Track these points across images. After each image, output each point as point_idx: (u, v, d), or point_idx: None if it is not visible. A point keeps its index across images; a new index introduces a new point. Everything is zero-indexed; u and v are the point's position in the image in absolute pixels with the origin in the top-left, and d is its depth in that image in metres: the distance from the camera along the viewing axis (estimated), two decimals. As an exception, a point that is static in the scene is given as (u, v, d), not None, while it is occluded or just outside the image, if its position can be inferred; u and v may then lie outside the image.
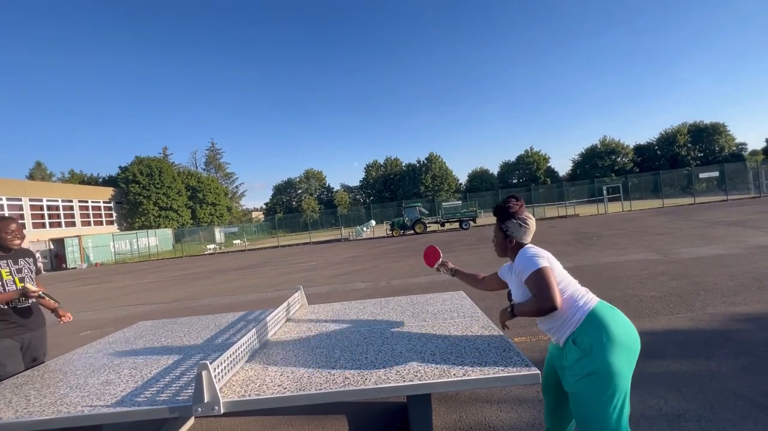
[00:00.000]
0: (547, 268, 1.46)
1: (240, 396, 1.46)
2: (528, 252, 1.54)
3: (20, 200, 29.24)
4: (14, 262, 2.47)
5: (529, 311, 1.51)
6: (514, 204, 1.66)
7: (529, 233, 1.64)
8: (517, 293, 1.63)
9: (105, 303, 8.92)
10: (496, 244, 1.76)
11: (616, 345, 1.36)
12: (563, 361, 1.49)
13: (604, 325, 1.39)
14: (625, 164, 50.53)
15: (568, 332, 1.46)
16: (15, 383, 1.90)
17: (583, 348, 1.39)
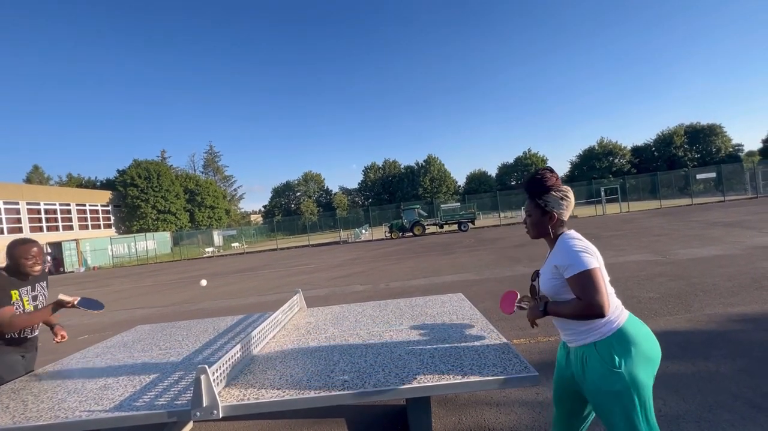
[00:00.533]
0: (598, 269, 1.31)
1: (239, 400, 1.46)
2: (575, 244, 1.36)
3: (17, 204, 29.12)
4: (32, 289, 2.34)
5: (567, 314, 1.37)
6: (550, 176, 1.47)
7: (570, 208, 1.48)
8: (548, 284, 1.46)
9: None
10: (532, 223, 1.53)
11: (643, 361, 1.33)
12: (582, 368, 1.41)
13: (635, 343, 1.33)
14: (622, 165, 50.76)
15: (590, 339, 1.37)
16: (12, 388, 1.89)
17: (607, 361, 1.32)
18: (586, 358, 1.38)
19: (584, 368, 1.39)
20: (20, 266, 2.25)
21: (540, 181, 1.47)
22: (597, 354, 1.34)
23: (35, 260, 2.27)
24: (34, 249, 2.28)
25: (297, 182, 60.07)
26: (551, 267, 1.43)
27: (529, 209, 1.53)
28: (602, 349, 1.33)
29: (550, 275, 1.44)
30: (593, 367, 1.35)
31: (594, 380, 1.35)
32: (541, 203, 1.48)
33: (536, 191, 1.49)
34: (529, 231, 1.57)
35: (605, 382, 1.32)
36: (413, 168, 56.74)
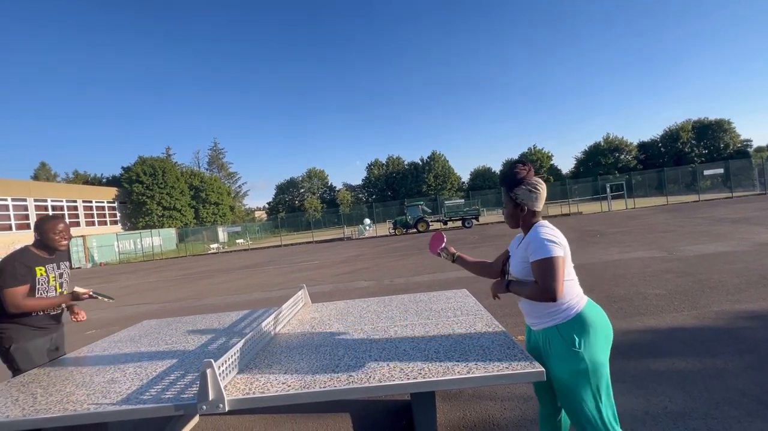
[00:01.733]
0: (559, 259, 1.39)
1: (244, 393, 1.47)
2: (544, 233, 1.44)
3: (25, 201, 29.42)
4: (57, 266, 2.43)
5: (524, 295, 1.48)
6: (522, 169, 1.55)
7: (540, 200, 1.55)
8: (517, 267, 1.56)
9: (109, 303, 8.95)
10: (507, 215, 1.63)
11: (601, 341, 1.42)
12: (546, 350, 1.50)
13: (593, 325, 1.42)
14: (628, 161, 50.26)
15: (552, 322, 1.46)
16: (21, 381, 1.91)
17: (568, 342, 1.41)
18: (549, 340, 1.48)
19: (546, 349, 1.50)
20: (48, 241, 2.36)
21: (511, 174, 1.57)
22: (559, 336, 1.44)
23: (62, 235, 2.39)
24: (61, 225, 2.40)
25: (301, 179, 60.13)
26: (522, 251, 1.52)
27: (505, 201, 1.64)
28: (564, 331, 1.43)
29: (520, 259, 1.54)
30: (556, 348, 1.45)
31: (557, 360, 1.44)
32: (513, 195, 1.57)
33: (509, 183, 1.58)
34: (506, 222, 1.68)
35: (568, 362, 1.41)
36: (417, 164, 56.59)
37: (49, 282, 2.36)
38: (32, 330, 2.30)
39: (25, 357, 2.24)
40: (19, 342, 2.24)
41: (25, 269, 2.23)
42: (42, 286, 2.31)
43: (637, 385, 2.57)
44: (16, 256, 2.28)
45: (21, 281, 2.20)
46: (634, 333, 3.51)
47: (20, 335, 2.25)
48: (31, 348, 2.27)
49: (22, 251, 2.32)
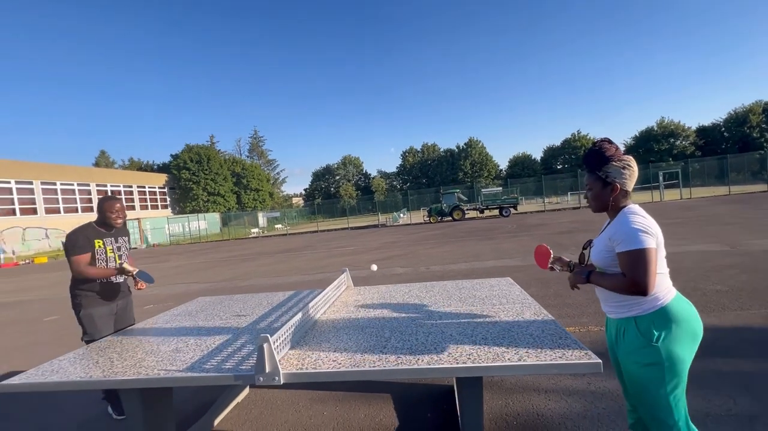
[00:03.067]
0: (651, 250, 1.27)
1: (297, 368, 1.53)
2: (635, 220, 1.33)
3: (89, 186, 32.19)
4: (115, 240, 2.79)
5: (609, 287, 1.37)
6: (609, 146, 1.43)
7: (633, 178, 1.43)
8: (599, 255, 1.44)
9: (164, 281, 9.66)
10: (593, 196, 1.49)
11: (684, 339, 1.32)
12: (618, 339, 1.43)
13: (677, 321, 1.32)
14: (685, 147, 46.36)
15: (629, 313, 1.37)
16: (99, 346, 2.12)
17: (645, 335, 1.33)
18: (624, 331, 1.40)
19: (620, 340, 1.42)
20: (106, 219, 2.70)
21: (599, 152, 1.44)
22: (636, 328, 1.35)
23: (118, 215, 2.73)
24: (117, 205, 2.73)
25: (336, 166, 60.95)
26: (606, 239, 1.41)
27: (590, 182, 1.50)
28: (642, 324, 1.34)
29: (603, 247, 1.43)
30: (629, 340, 1.37)
31: (628, 352, 1.38)
32: (602, 174, 1.44)
33: (595, 162, 1.45)
34: (591, 205, 1.55)
35: (639, 355, 1.34)
36: (453, 152, 55.49)
37: (107, 253, 2.71)
38: (98, 298, 2.68)
39: (91, 322, 2.63)
40: (87, 309, 2.63)
41: (85, 240, 2.61)
42: (100, 256, 2.68)
43: (696, 385, 2.41)
44: (79, 230, 2.65)
45: (82, 249, 2.58)
46: (692, 330, 3.29)
47: (88, 302, 2.64)
48: (96, 314, 2.65)
49: (85, 226, 2.69)
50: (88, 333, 2.62)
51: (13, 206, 26.88)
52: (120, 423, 2.67)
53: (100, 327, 2.63)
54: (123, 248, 2.85)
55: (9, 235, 26.05)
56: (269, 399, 2.79)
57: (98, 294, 2.68)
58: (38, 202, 28.35)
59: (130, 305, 2.92)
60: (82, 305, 2.63)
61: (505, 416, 2.29)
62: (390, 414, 2.44)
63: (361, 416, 2.45)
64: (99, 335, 2.59)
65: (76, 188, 31.16)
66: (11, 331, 5.72)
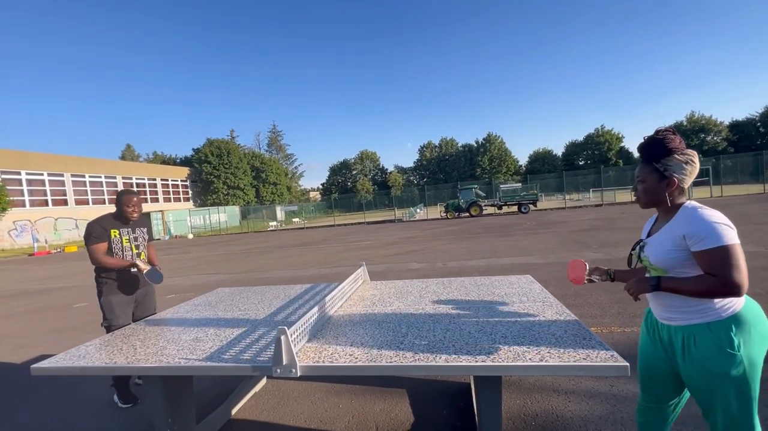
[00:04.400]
0: (739, 246, 1.18)
1: (314, 361, 1.53)
2: (712, 214, 1.24)
3: (115, 178, 33.37)
4: (132, 231, 2.89)
5: (692, 292, 1.24)
6: (674, 137, 1.33)
7: (692, 177, 1.34)
8: (665, 255, 1.33)
9: (186, 271, 9.93)
10: (646, 189, 1.38)
11: (759, 340, 1.24)
12: (685, 348, 1.32)
13: (755, 325, 1.24)
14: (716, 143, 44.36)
15: (701, 319, 1.27)
16: (123, 334, 2.18)
17: (725, 343, 1.23)
18: (694, 337, 1.28)
19: (688, 348, 1.30)
20: (122, 212, 2.79)
21: (661, 142, 1.33)
22: (711, 334, 1.25)
23: (134, 209, 2.82)
24: (134, 199, 2.83)
25: (353, 161, 61.09)
26: (675, 237, 1.29)
27: (644, 174, 1.38)
28: (718, 330, 1.24)
29: (671, 246, 1.30)
30: (704, 348, 1.26)
31: (703, 361, 1.26)
32: (660, 167, 1.34)
33: (656, 153, 1.34)
34: (640, 199, 1.43)
35: (718, 364, 1.23)
36: (471, 147, 54.72)
37: (122, 243, 2.80)
38: (118, 286, 2.78)
39: (110, 308, 2.74)
40: (107, 295, 2.74)
41: (101, 230, 2.71)
42: (116, 245, 2.78)
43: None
44: (96, 220, 2.76)
45: (98, 239, 2.69)
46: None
47: (108, 289, 2.75)
48: (115, 302, 2.75)
49: (102, 217, 2.80)
50: (107, 318, 2.73)
51: (46, 198, 28.15)
52: (135, 410, 2.76)
53: (118, 313, 2.74)
54: (141, 239, 2.93)
55: (42, 225, 27.32)
56: (286, 390, 2.83)
57: (118, 282, 2.78)
58: (68, 193, 29.60)
59: (151, 294, 3.01)
60: (102, 292, 2.75)
61: (523, 416, 2.25)
62: (405, 410, 2.43)
63: (376, 410, 2.45)
64: (117, 321, 2.70)
65: (104, 181, 32.36)
66: (44, 316, 5.99)
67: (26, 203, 26.89)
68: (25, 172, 26.99)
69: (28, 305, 7.11)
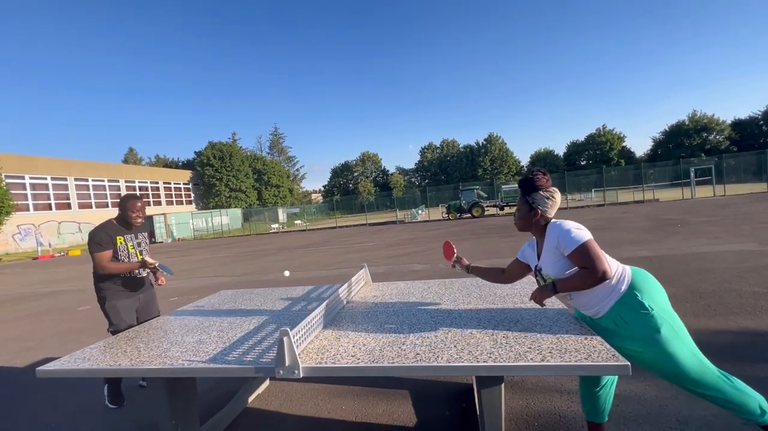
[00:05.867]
0: (592, 240, 1.51)
1: (317, 362, 1.54)
2: (566, 226, 1.57)
3: (118, 182, 33.55)
4: (135, 236, 2.87)
5: (577, 285, 1.54)
6: (541, 177, 1.68)
7: (554, 207, 1.68)
8: (554, 267, 1.63)
9: (188, 274, 9.96)
10: (519, 217, 1.76)
11: (659, 294, 1.51)
12: (618, 327, 1.52)
13: (647, 283, 1.52)
14: (719, 142, 44.17)
15: (615, 298, 1.52)
16: (128, 336, 2.20)
17: (638, 308, 1.47)
18: (621, 315, 1.51)
19: (622, 327, 1.52)
20: (126, 217, 2.76)
21: (531, 181, 1.68)
22: (627, 307, 1.49)
23: (138, 213, 2.79)
24: (138, 204, 2.80)
25: (355, 163, 61.18)
26: (552, 250, 1.61)
27: (519, 204, 1.75)
28: (629, 301, 1.50)
29: (554, 259, 1.62)
30: (631, 319, 1.48)
31: (636, 330, 1.47)
32: (530, 200, 1.69)
33: (527, 189, 1.70)
34: (516, 223, 1.80)
35: (646, 326, 1.45)
36: (473, 148, 54.72)
37: (128, 250, 2.78)
38: (122, 290, 2.77)
39: (116, 313, 2.72)
40: (112, 300, 2.73)
41: (106, 237, 2.68)
42: (122, 252, 2.76)
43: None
44: (100, 227, 2.73)
45: (104, 247, 2.66)
46: (727, 333, 3.13)
47: (113, 294, 2.73)
48: (120, 306, 2.74)
49: (106, 224, 2.77)
50: (113, 323, 2.73)
51: (50, 201, 28.32)
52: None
53: (125, 317, 2.74)
54: (143, 244, 2.93)
55: (46, 228, 27.48)
56: (289, 392, 2.84)
57: (122, 287, 2.77)
58: (72, 197, 29.77)
59: (153, 297, 3.02)
60: (107, 298, 2.73)
61: (525, 416, 2.25)
62: (408, 411, 2.43)
63: (379, 411, 2.46)
64: (124, 325, 2.71)
65: (107, 184, 32.54)
66: (48, 319, 6.03)
67: (30, 206, 27.07)
68: (29, 176, 27.17)
69: (33, 308, 7.15)
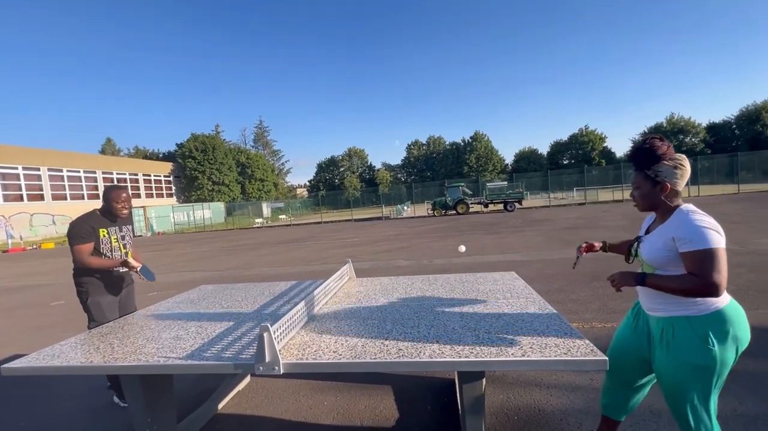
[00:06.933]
0: (723, 250, 1.25)
1: (298, 358, 1.52)
2: (702, 219, 1.29)
3: (95, 173, 32.38)
4: (119, 229, 2.74)
5: (673, 290, 1.31)
6: (661, 144, 1.39)
7: (685, 178, 1.40)
8: (656, 254, 1.40)
9: (168, 268, 9.73)
10: (641, 195, 1.46)
11: (735, 344, 1.31)
12: (663, 337, 1.40)
13: (732, 325, 1.30)
14: (694, 144, 45.74)
15: (683, 312, 1.35)
16: (101, 332, 2.12)
17: (700, 336, 1.31)
18: (673, 328, 1.37)
19: (666, 338, 1.38)
20: (111, 209, 2.63)
21: (649, 150, 1.40)
22: (690, 326, 1.33)
23: (123, 205, 2.65)
24: (123, 195, 2.65)
25: (341, 158, 60.78)
26: (666, 238, 1.37)
27: (638, 181, 1.46)
28: (697, 325, 1.32)
29: (662, 246, 1.38)
30: (682, 339, 1.34)
31: (679, 352, 1.34)
32: (651, 173, 1.41)
33: (645, 161, 1.41)
34: (638, 204, 1.51)
35: (692, 356, 1.31)
36: (459, 145, 55.10)
37: (112, 243, 2.66)
38: (104, 286, 2.65)
39: (99, 309, 2.61)
40: (94, 296, 2.60)
41: (88, 228, 2.54)
42: (105, 245, 2.63)
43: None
44: (83, 218, 2.58)
45: (85, 239, 2.52)
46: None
47: (95, 289, 2.61)
48: (104, 302, 2.63)
49: (88, 215, 2.62)
50: (95, 320, 2.60)
51: (21, 192, 27.13)
52: (124, 411, 2.69)
53: (108, 314, 2.62)
54: (127, 237, 2.81)
55: (17, 221, 26.34)
56: (270, 388, 2.80)
57: (104, 282, 2.65)
58: (45, 188, 28.59)
59: (131, 293, 2.92)
60: (89, 293, 2.60)
61: (506, 410, 2.28)
62: (390, 406, 2.44)
63: (361, 407, 2.45)
64: (107, 321, 2.54)
65: (83, 176, 31.37)
66: (19, 315, 5.79)
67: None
68: (-2, 165, 25.96)
69: (3, 303, 6.86)
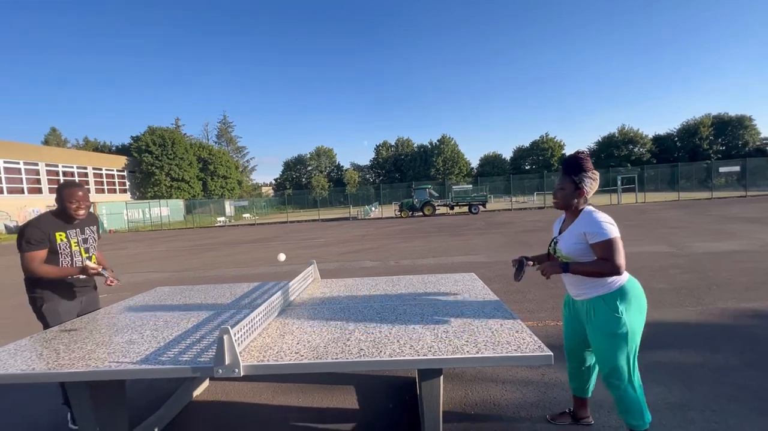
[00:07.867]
0: (619, 238, 1.63)
1: (259, 360, 1.52)
2: (602, 217, 1.68)
3: (37, 165, 29.72)
4: (81, 231, 2.43)
5: (588, 272, 1.68)
6: (588, 160, 1.75)
7: (594, 190, 1.78)
8: (572, 247, 1.75)
9: (120, 269, 9.16)
10: (563, 196, 1.80)
11: (638, 312, 1.70)
12: (589, 315, 1.76)
13: (635, 296, 1.69)
14: (642, 154, 49.31)
15: (600, 292, 1.71)
16: (44, 337, 1.99)
17: (612, 309, 1.67)
18: (595, 307, 1.73)
19: (592, 315, 1.75)
20: (65, 209, 2.31)
21: (580, 161, 1.75)
22: (604, 303, 1.70)
23: (79, 204, 2.32)
24: (79, 193, 2.32)
25: (309, 156, 59.87)
26: (577, 234, 1.74)
27: (564, 183, 1.79)
28: (609, 300, 1.69)
29: (575, 240, 1.75)
30: (601, 313, 1.71)
31: (600, 324, 1.71)
32: (577, 180, 1.76)
33: (574, 169, 1.76)
34: (558, 201, 1.85)
35: (609, 325, 1.68)
36: (426, 148, 55.97)
37: (71, 247, 2.34)
38: (62, 292, 2.34)
39: (55, 317, 2.29)
40: (50, 302, 2.29)
41: (40, 234, 2.22)
42: (64, 250, 2.32)
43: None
44: (33, 222, 2.26)
45: (36, 246, 2.20)
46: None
47: (51, 296, 2.30)
48: (61, 309, 2.32)
49: (40, 218, 2.31)
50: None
51: (-52, 184, 24.46)
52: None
53: (65, 320, 2.32)
54: (90, 240, 2.49)
55: (-58, 215, 23.74)
56: (230, 392, 2.74)
57: (61, 287, 2.35)
58: (-22, 181, 25.95)
59: (96, 300, 2.61)
60: (44, 299, 2.29)
61: (464, 406, 2.38)
62: (353, 405, 2.47)
63: (324, 406, 2.46)
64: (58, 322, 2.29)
65: (23, 168, 28.71)
66: (-57, 320, 5.24)
67: None
68: None
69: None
